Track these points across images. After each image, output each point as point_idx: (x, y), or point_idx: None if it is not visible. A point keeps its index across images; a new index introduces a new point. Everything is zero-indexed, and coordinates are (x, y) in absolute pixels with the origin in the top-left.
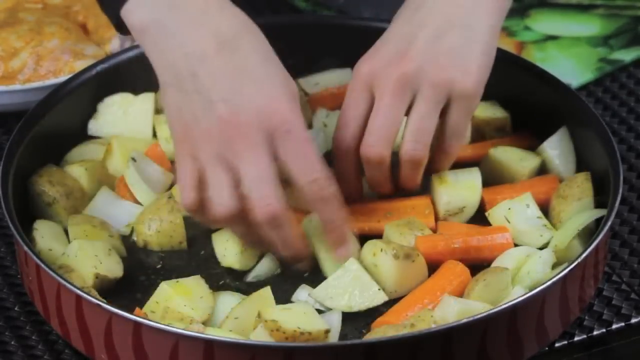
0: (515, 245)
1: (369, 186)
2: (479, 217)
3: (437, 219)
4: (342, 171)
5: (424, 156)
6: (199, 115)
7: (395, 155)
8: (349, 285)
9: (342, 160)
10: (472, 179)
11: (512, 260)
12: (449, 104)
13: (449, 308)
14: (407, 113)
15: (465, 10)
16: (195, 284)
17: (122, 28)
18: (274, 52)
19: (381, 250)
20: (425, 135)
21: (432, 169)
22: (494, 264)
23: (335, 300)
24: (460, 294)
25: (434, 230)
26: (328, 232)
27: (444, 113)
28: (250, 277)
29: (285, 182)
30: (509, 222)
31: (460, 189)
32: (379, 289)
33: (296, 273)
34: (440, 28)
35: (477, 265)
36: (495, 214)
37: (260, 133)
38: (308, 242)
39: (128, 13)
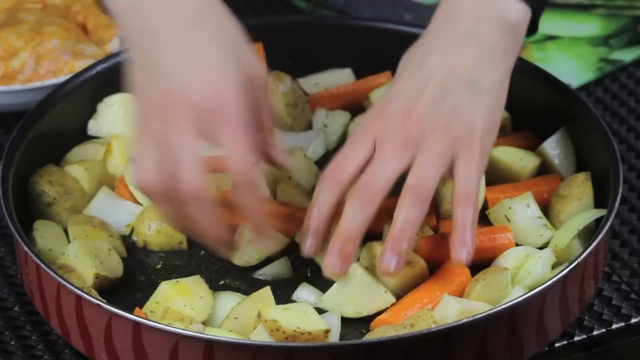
0: (516, 244)
1: (334, 235)
2: (480, 216)
3: (438, 218)
4: (322, 204)
5: (427, 195)
6: (145, 88)
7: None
8: (356, 291)
9: (328, 192)
10: None
11: (512, 260)
12: (456, 162)
13: (449, 308)
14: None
15: (472, 64)
16: (195, 284)
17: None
18: (242, 36)
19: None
20: (423, 190)
21: (450, 244)
22: (493, 264)
23: (344, 307)
24: (460, 294)
25: (435, 230)
26: (248, 220)
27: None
28: (257, 274)
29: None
30: (509, 220)
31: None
32: (386, 292)
33: (299, 273)
34: (445, 85)
35: (477, 265)
36: (495, 213)
37: (196, 112)
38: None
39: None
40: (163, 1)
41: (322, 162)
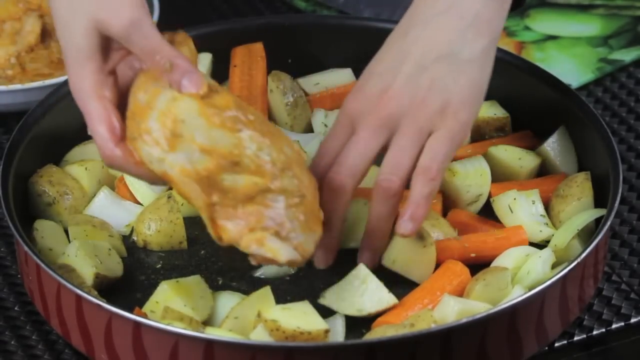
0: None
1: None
2: (485, 204)
3: (445, 209)
4: None
5: (397, 189)
6: None
7: None
8: (359, 289)
9: None
10: (480, 166)
11: (512, 260)
12: (430, 137)
13: (449, 308)
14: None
15: (454, 35)
16: (195, 284)
17: None
18: None
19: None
20: (400, 168)
21: (411, 198)
22: (494, 264)
23: (346, 303)
24: (460, 294)
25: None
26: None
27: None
28: (257, 274)
29: None
30: (512, 211)
31: (474, 177)
32: (389, 292)
33: (298, 272)
34: (424, 59)
35: (477, 264)
36: (500, 202)
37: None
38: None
39: None
40: None
41: None
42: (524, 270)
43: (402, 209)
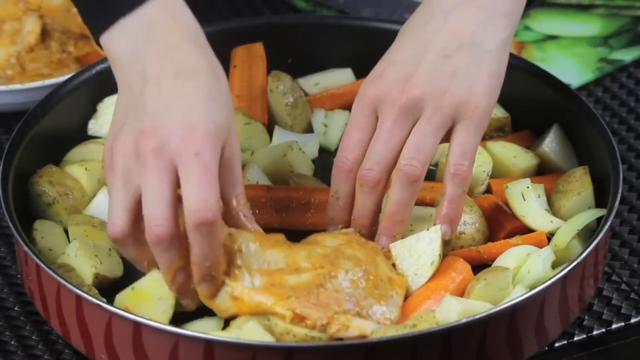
0: (526, 226)
1: (352, 223)
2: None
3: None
4: (339, 194)
5: (419, 174)
6: (124, 127)
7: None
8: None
9: (341, 182)
10: (484, 152)
11: (513, 260)
12: (454, 126)
13: (451, 308)
14: None
15: (475, 26)
16: (153, 286)
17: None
18: (229, 97)
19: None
20: (423, 153)
21: (442, 195)
22: (495, 263)
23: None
24: (462, 292)
25: None
26: (193, 265)
27: (449, 137)
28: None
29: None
30: (524, 199)
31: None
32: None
33: None
34: (447, 48)
35: (479, 265)
36: (514, 188)
37: (168, 154)
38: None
39: (108, 42)
40: (163, 53)
41: (316, 162)
42: (524, 270)
43: (438, 212)
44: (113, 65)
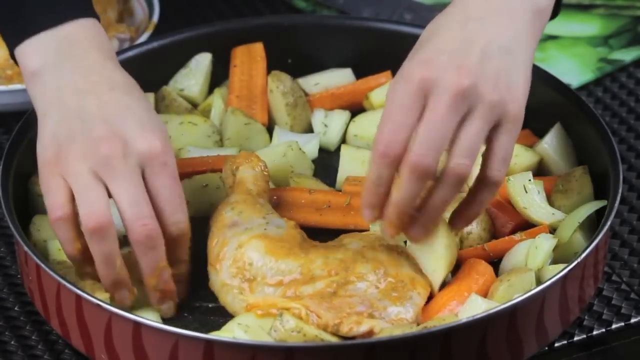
0: (526, 219)
1: (391, 210)
2: None
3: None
4: (381, 180)
5: (468, 174)
6: (76, 136)
7: None
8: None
9: (385, 167)
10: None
11: (522, 255)
12: (496, 128)
13: (477, 307)
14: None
15: (511, 34)
16: None
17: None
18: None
19: None
20: (474, 153)
21: (476, 203)
22: (504, 260)
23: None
24: (485, 294)
25: None
26: (147, 279)
27: (489, 139)
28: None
29: None
30: (526, 192)
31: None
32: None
33: None
34: (490, 50)
35: (493, 261)
36: (515, 181)
37: (136, 158)
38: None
39: (24, 53)
40: (89, 69)
41: (317, 162)
42: (532, 247)
43: (460, 207)
44: (30, 80)
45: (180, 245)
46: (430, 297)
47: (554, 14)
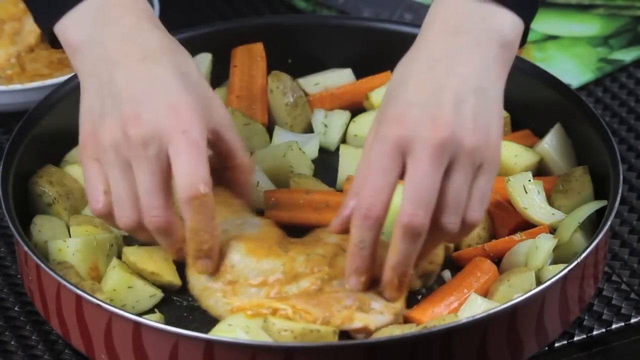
0: (526, 219)
1: (387, 271)
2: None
3: None
4: (365, 244)
5: (457, 230)
6: (106, 114)
7: None
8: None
9: (367, 230)
10: None
11: (522, 256)
12: (476, 170)
13: (476, 307)
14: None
15: (482, 71)
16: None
17: (55, 42)
18: (201, 75)
19: None
20: (461, 208)
21: (453, 242)
22: (504, 260)
23: None
24: (486, 293)
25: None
26: (188, 241)
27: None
28: None
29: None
30: (526, 192)
31: None
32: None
33: None
34: (461, 92)
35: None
36: (516, 182)
37: (158, 138)
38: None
39: (63, 29)
40: (123, 35)
41: (317, 162)
42: (532, 247)
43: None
44: (72, 54)
45: (199, 214)
46: (429, 293)
47: (522, 43)
